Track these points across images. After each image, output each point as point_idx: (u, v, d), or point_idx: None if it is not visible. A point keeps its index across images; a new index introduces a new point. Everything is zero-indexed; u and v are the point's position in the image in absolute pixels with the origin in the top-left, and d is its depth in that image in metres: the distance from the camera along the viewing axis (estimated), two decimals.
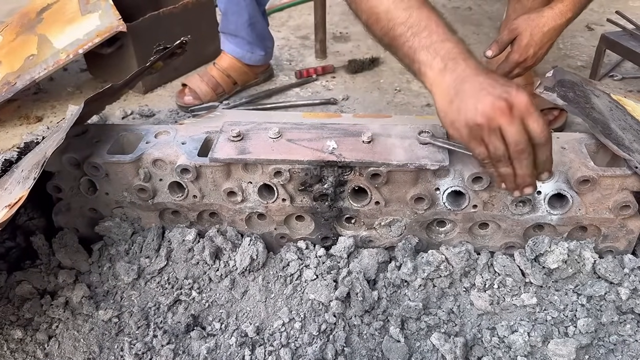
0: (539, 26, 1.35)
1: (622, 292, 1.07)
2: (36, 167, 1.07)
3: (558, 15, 1.35)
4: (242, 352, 1.05)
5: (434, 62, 0.92)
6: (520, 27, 1.36)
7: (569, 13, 1.36)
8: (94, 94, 1.21)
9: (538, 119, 0.86)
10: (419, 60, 0.94)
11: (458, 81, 0.89)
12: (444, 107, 0.91)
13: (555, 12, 1.36)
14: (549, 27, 1.35)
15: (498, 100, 0.85)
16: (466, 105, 0.87)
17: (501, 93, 0.86)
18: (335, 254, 1.18)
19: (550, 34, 1.36)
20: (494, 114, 0.85)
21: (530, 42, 1.35)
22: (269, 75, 2.14)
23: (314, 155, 1.09)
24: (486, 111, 0.85)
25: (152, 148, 1.18)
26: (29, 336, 1.11)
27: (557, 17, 1.35)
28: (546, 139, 0.88)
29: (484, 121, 0.86)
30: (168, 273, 1.18)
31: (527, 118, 0.86)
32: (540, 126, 0.86)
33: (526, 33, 1.35)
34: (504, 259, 1.14)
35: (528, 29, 1.35)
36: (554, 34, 1.37)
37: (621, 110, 1.25)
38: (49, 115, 1.97)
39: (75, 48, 1.83)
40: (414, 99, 1.98)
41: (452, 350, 1.03)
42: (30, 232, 1.27)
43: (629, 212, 1.09)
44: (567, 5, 1.36)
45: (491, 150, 0.89)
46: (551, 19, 1.35)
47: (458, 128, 0.90)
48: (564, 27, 1.38)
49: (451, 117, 0.91)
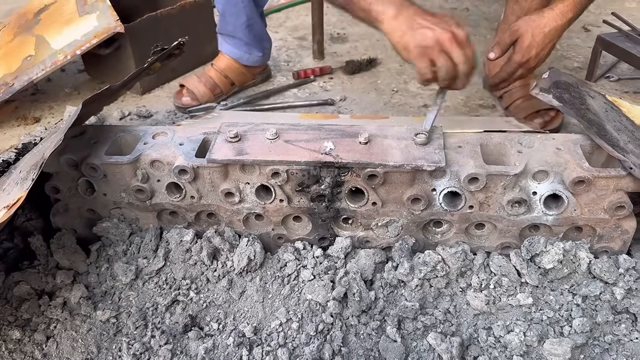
0: (540, 27, 1.36)
1: (617, 292, 1.08)
2: (34, 168, 1.07)
3: (559, 16, 1.37)
4: (239, 352, 1.06)
5: (388, 10, 1.16)
6: (522, 28, 1.38)
7: (569, 13, 1.37)
8: (92, 95, 1.21)
9: (471, 48, 1.15)
10: (375, 10, 1.17)
11: (411, 19, 1.13)
12: (398, 38, 1.14)
13: (556, 13, 1.37)
14: (550, 28, 1.37)
15: (445, 32, 1.11)
16: (421, 33, 1.11)
17: (448, 27, 1.12)
18: (332, 254, 1.19)
19: (552, 35, 1.38)
20: (443, 39, 1.11)
21: (532, 43, 1.36)
22: (267, 76, 2.15)
23: (311, 156, 1.10)
24: (437, 37, 1.10)
25: (150, 149, 1.18)
26: (27, 337, 1.11)
27: (557, 17, 1.37)
28: (472, 62, 1.16)
29: (435, 44, 1.11)
30: (166, 273, 1.18)
31: (465, 47, 1.13)
32: (472, 52, 1.15)
33: (527, 34, 1.36)
34: (500, 259, 1.14)
35: (529, 30, 1.36)
36: (555, 34, 1.38)
37: (616, 111, 1.26)
38: (47, 116, 1.97)
39: (73, 49, 1.84)
40: (411, 100, 1.98)
41: (448, 349, 1.03)
42: (28, 233, 1.27)
43: (623, 212, 1.10)
44: (567, 5, 1.37)
45: (439, 64, 1.12)
46: (552, 19, 1.37)
47: (411, 50, 1.13)
48: (565, 28, 1.40)
49: (405, 43, 1.13)
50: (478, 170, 1.08)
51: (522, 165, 1.09)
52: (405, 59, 1.17)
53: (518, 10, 1.68)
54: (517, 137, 1.17)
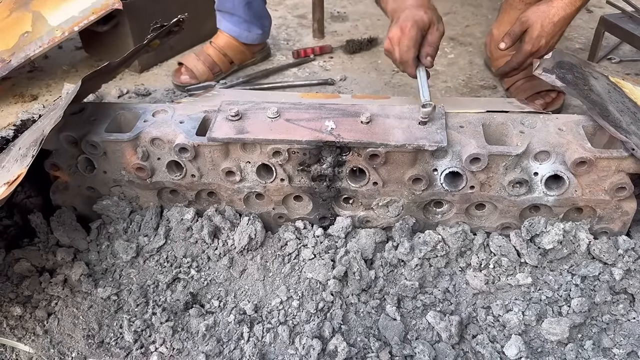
0: (549, 17, 1.39)
1: (615, 273, 1.08)
2: (34, 145, 1.07)
3: (568, 5, 1.39)
4: (240, 329, 1.06)
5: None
6: (531, 19, 1.40)
7: (577, 2, 1.41)
8: (90, 72, 1.20)
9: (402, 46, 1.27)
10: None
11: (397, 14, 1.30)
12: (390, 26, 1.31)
13: (565, 2, 1.40)
14: (559, 17, 1.39)
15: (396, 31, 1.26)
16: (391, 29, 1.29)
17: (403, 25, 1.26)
18: (333, 233, 1.19)
19: (561, 24, 1.41)
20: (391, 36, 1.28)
21: (541, 33, 1.39)
22: (266, 55, 2.12)
23: (312, 136, 1.09)
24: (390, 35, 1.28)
25: (150, 127, 1.17)
26: (28, 313, 1.11)
27: (566, 6, 1.39)
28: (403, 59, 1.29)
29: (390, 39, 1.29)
30: (167, 251, 1.18)
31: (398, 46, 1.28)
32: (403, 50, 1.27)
33: (537, 25, 1.39)
34: (500, 240, 1.15)
35: (539, 21, 1.39)
36: (564, 23, 1.41)
37: (619, 92, 1.25)
38: (44, 93, 1.96)
39: (70, 25, 1.81)
40: (412, 80, 1.95)
41: (447, 328, 1.04)
42: (28, 210, 1.27)
43: (624, 193, 1.10)
44: None
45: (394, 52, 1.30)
46: (561, 9, 1.39)
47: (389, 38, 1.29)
48: (573, 16, 1.42)
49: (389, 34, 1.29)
50: (480, 150, 1.07)
51: (524, 145, 1.08)
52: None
53: None
54: (520, 118, 1.17)
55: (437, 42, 1.28)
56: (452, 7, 2.48)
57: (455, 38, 2.23)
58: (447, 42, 2.18)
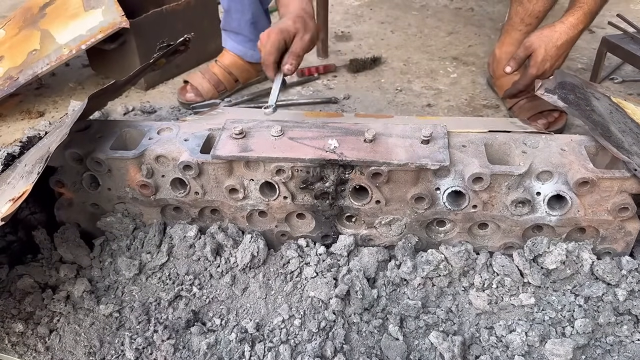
0: (553, 41, 1.43)
1: (619, 294, 1.08)
2: (40, 162, 1.08)
3: (570, 29, 1.44)
4: (242, 347, 1.06)
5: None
6: (535, 43, 1.45)
7: (580, 25, 1.44)
8: (97, 90, 1.21)
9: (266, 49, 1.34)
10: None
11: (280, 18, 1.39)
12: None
13: (567, 26, 1.44)
14: (562, 41, 1.44)
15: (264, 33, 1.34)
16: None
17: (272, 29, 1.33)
18: (335, 252, 1.19)
19: (565, 47, 1.45)
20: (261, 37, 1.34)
21: (545, 57, 1.44)
22: None
23: (315, 154, 1.10)
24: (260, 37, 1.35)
25: (155, 144, 1.19)
26: (30, 330, 1.11)
27: (569, 30, 1.44)
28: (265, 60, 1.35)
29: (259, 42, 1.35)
30: (169, 269, 1.18)
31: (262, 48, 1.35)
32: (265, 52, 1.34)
33: (541, 49, 1.44)
34: (503, 259, 1.14)
35: (542, 45, 1.44)
36: (568, 46, 1.46)
37: (621, 113, 1.26)
38: (51, 110, 1.98)
39: (78, 44, 1.84)
40: (415, 99, 1.99)
41: (450, 348, 1.04)
42: (32, 227, 1.28)
43: (627, 214, 1.10)
44: (578, 17, 1.44)
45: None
46: (564, 33, 1.44)
47: (259, 38, 1.35)
48: (576, 39, 1.46)
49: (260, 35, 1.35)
50: (482, 169, 1.08)
51: (527, 165, 1.09)
52: None
53: (522, 12, 1.69)
54: (522, 137, 1.17)
55: (299, 51, 1.32)
56: (455, 27, 2.51)
57: (458, 58, 2.25)
58: (450, 61, 2.20)
